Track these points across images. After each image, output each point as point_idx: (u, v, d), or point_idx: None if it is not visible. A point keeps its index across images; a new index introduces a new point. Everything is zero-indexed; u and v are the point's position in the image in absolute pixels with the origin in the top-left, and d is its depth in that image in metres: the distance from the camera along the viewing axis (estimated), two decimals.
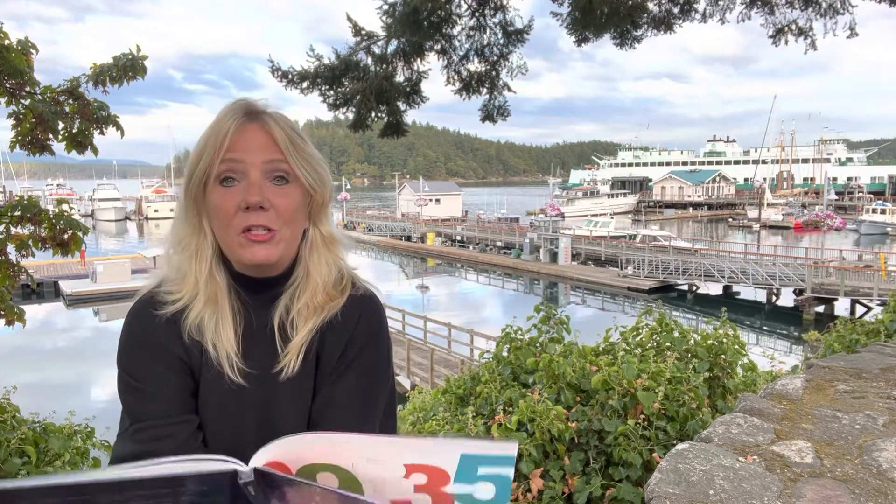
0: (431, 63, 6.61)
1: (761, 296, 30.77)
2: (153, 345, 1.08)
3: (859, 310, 26.52)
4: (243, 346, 1.10)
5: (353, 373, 1.12)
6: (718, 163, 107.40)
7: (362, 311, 1.15)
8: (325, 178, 1.13)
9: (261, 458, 0.78)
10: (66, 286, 31.12)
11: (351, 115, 6.62)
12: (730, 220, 71.72)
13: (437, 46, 6.50)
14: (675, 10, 6.56)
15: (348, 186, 71.91)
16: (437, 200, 63.60)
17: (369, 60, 6.48)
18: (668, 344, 4.23)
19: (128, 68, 3.78)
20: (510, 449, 0.86)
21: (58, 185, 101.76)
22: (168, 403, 1.06)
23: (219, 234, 1.09)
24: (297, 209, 1.09)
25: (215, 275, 1.11)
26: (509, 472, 0.85)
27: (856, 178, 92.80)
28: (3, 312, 3.92)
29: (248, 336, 1.12)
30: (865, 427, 2.63)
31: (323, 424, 1.10)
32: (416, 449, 0.84)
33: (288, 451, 0.80)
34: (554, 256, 38.52)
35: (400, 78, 6.58)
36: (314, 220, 1.16)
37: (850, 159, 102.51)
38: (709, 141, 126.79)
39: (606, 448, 3.16)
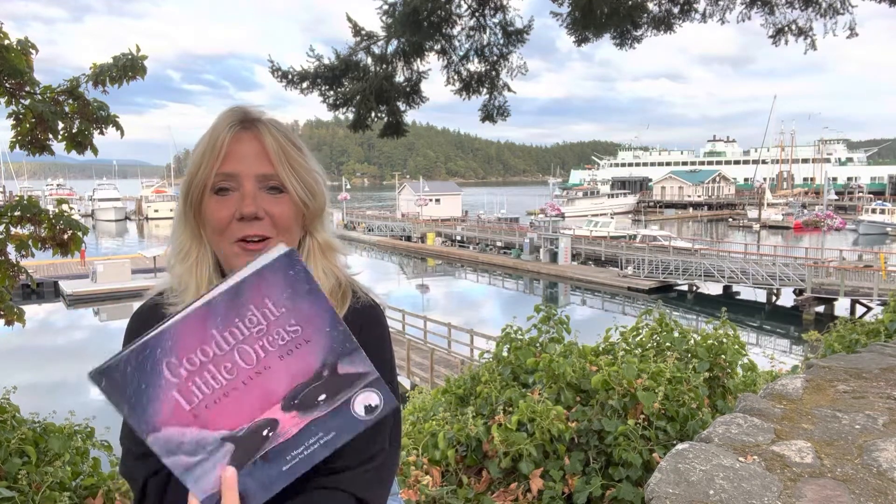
0: (431, 63, 6.62)
1: (761, 296, 30.78)
2: None
3: (859, 310, 26.52)
4: None
5: None
6: (718, 163, 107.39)
7: (363, 322, 1.15)
8: (316, 190, 1.14)
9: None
10: (66, 286, 31.12)
11: (351, 115, 6.62)
12: (730, 220, 71.70)
13: (437, 46, 6.49)
14: (675, 10, 6.56)
15: (348, 186, 71.84)
16: (437, 200, 63.59)
17: (369, 60, 6.48)
18: (668, 344, 4.22)
19: (127, 68, 3.78)
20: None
21: (58, 185, 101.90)
22: None
23: (214, 243, 1.11)
24: (292, 218, 1.11)
25: (214, 283, 1.11)
26: None
27: (856, 178, 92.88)
28: (3, 312, 3.92)
29: None
30: (865, 427, 2.63)
31: None
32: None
33: None
34: (554, 256, 38.52)
35: (400, 78, 6.58)
36: (309, 228, 1.17)
37: (850, 159, 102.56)
38: (709, 141, 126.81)
39: (606, 448, 3.16)
